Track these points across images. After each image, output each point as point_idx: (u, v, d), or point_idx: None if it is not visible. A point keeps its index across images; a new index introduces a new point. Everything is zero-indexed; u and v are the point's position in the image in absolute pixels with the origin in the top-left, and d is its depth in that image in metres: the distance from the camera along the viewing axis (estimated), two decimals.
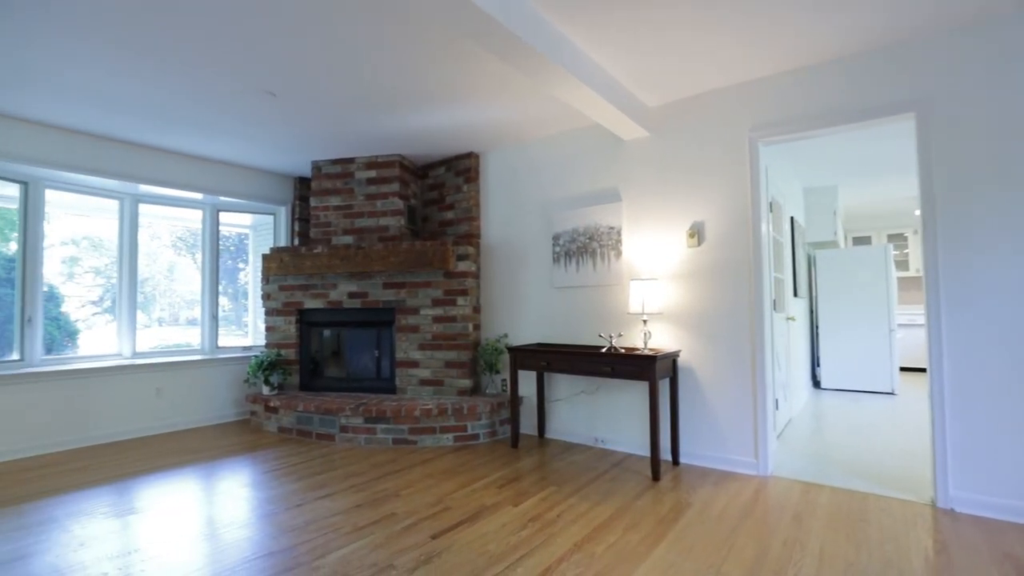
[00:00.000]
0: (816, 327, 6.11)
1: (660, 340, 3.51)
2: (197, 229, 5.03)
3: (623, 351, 3.30)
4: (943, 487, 2.59)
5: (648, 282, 3.31)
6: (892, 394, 5.56)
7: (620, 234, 3.71)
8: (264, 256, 4.74)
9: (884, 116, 2.76)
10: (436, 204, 4.91)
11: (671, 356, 3.28)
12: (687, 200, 3.43)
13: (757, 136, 3.15)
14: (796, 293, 5.17)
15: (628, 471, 3.23)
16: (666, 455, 3.43)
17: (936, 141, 2.64)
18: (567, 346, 3.77)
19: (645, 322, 3.39)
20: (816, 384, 6.16)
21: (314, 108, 3.58)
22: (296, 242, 5.41)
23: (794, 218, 5.16)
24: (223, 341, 5.09)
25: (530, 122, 3.89)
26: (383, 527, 2.46)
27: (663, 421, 3.46)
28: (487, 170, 4.60)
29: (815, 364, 6.21)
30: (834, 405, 5.10)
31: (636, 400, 3.61)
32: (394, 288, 4.44)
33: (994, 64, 2.52)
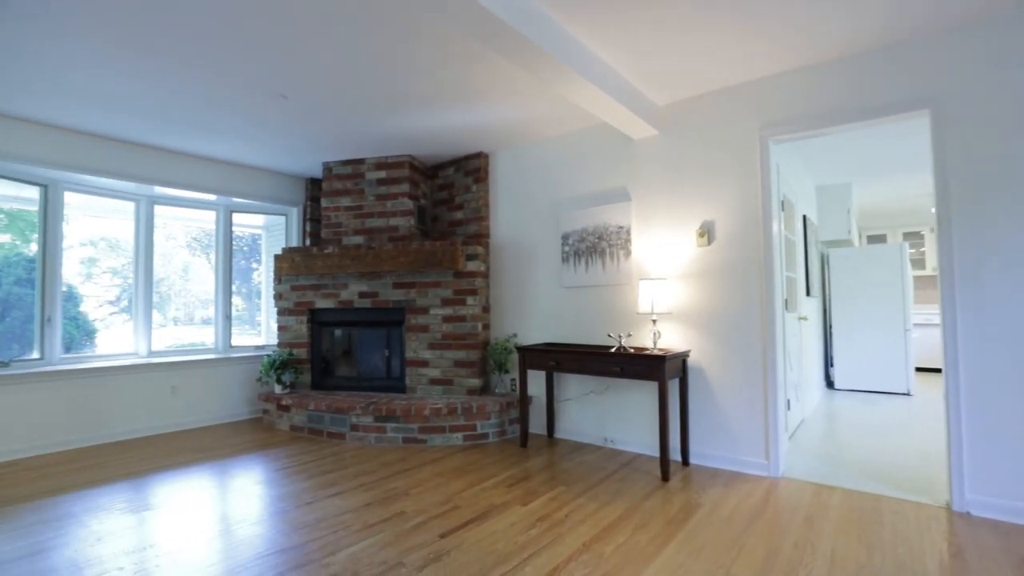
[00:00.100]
0: (829, 327, 6.03)
1: (670, 340, 3.49)
2: (211, 230, 5.10)
3: (632, 351, 3.29)
4: (959, 490, 2.55)
5: (657, 282, 3.30)
6: (907, 395, 5.48)
7: (629, 233, 3.70)
8: (276, 256, 4.80)
9: (898, 113, 2.72)
10: (446, 204, 4.93)
11: (681, 356, 3.26)
12: (697, 199, 3.41)
13: (768, 134, 3.12)
14: (809, 292, 5.11)
15: (637, 471, 3.22)
16: (676, 455, 3.42)
17: (952, 138, 2.60)
18: (576, 346, 3.77)
19: (654, 322, 3.38)
20: (829, 384, 6.09)
21: (325, 110, 3.61)
22: (308, 242, 5.47)
23: (806, 216, 5.10)
24: (236, 340, 5.16)
25: (539, 122, 3.89)
26: (392, 525, 2.48)
27: (673, 421, 3.45)
28: (496, 170, 4.60)
29: (828, 364, 6.13)
30: (848, 406, 5.04)
31: (646, 400, 3.60)
32: (404, 288, 4.46)
33: (1011, 60, 2.47)
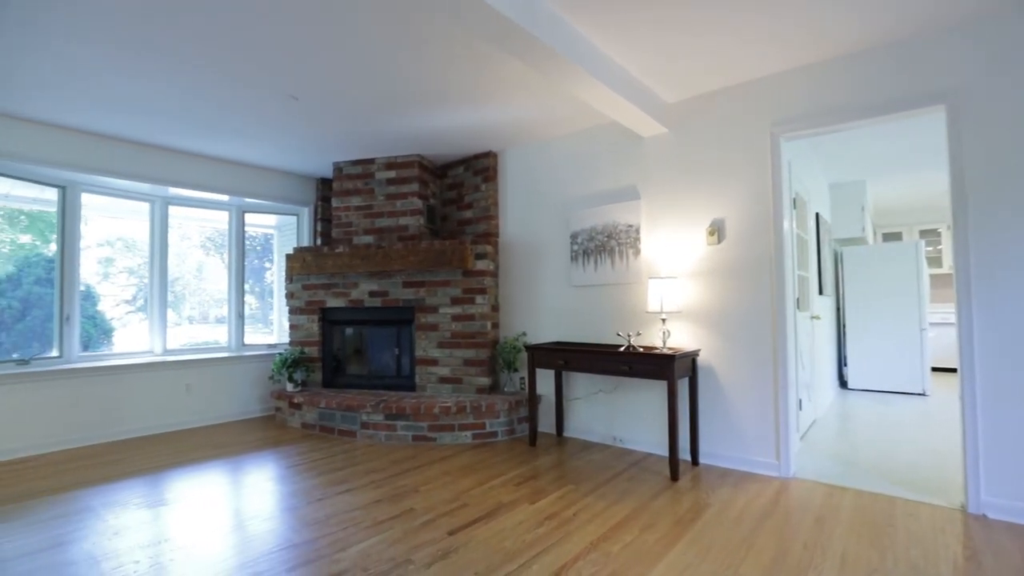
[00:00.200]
0: (843, 326, 5.95)
1: (679, 339, 3.48)
2: (224, 230, 5.17)
3: (641, 350, 3.28)
4: (974, 492, 2.51)
5: (667, 280, 3.28)
6: (923, 395, 5.39)
7: (639, 232, 3.68)
8: (287, 256, 4.85)
9: (912, 109, 2.68)
10: (455, 203, 4.94)
11: (690, 355, 3.25)
12: (707, 197, 3.38)
13: (779, 131, 3.09)
14: (822, 291, 5.04)
15: (646, 471, 3.21)
16: (685, 455, 3.40)
17: (968, 134, 2.55)
18: (585, 345, 3.76)
19: (664, 321, 3.36)
20: (843, 384, 6.01)
21: (335, 111, 3.64)
22: (319, 242, 5.52)
23: (819, 214, 5.03)
24: (249, 339, 5.23)
25: (548, 120, 3.89)
26: (402, 522, 2.50)
27: (682, 421, 3.43)
28: (505, 169, 4.61)
29: (842, 364, 6.05)
30: (861, 406, 4.97)
31: (655, 399, 3.59)
32: (413, 287, 4.49)
33: None
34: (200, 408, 4.64)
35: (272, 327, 5.51)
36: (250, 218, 5.31)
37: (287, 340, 5.20)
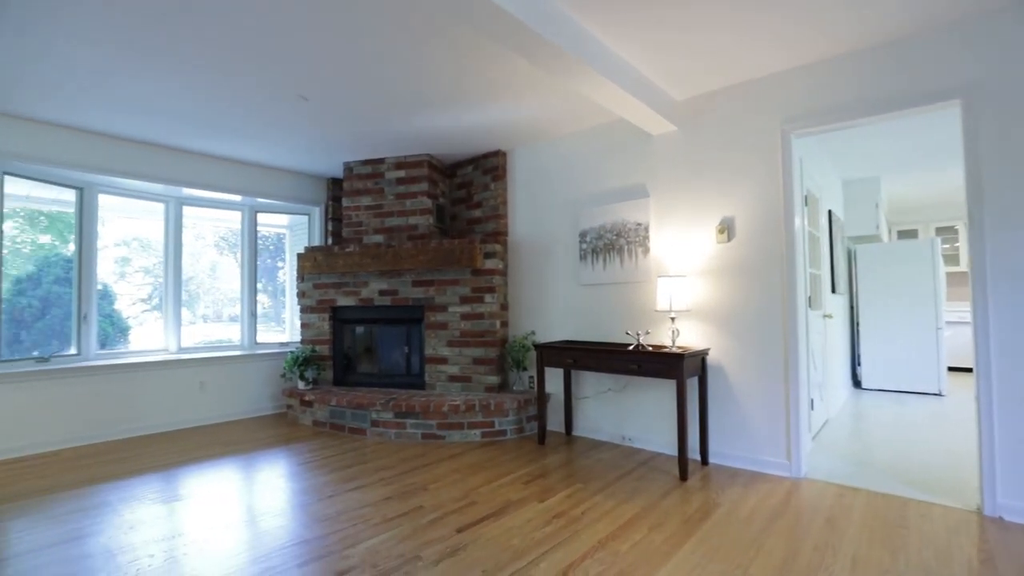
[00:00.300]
0: (857, 324, 5.87)
1: (688, 338, 3.46)
2: (238, 229, 5.24)
3: (650, 349, 3.27)
4: (990, 494, 2.47)
5: (676, 279, 3.26)
6: (939, 395, 5.30)
7: (648, 230, 3.67)
8: (299, 255, 4.90)
9: (926, 104, 2.63)
10: (464, 203, 4.96)
11: (700, 354, 3.23)
12: (717, 195, 3.36)
13: (790, 128, 3.05)
14: (834, 289, 4.98)
15: (655, 470, 3.20)
16: (695, 454, 3.38)
17: (984, 130, 2.50)
18: (594, 343, 3.76)
19: (673, 319, 3.35)
20: (857, 384, 5.93)
21: (345, 111, 3.67)
22: (329, 241, 5.57)
23: (832, 211, 4.97)
24: (262, 337, 5.30)
25: (557, 119, 3.88)
26: (410, 519, 2.52)
27: (692, 420, 3.41)
28: (514, 168, 4.61)
29: (855, 363, 5.97)
30: (875, 406, 4.90)
31: (664, 398, 3.57)
32: (423, 286, 4.51)
33: None
34: (213, 405, 4.71)
35: (284, 325, 5.57)
36: (262, 218, 5.38)
37: (299, 338, 5.26)
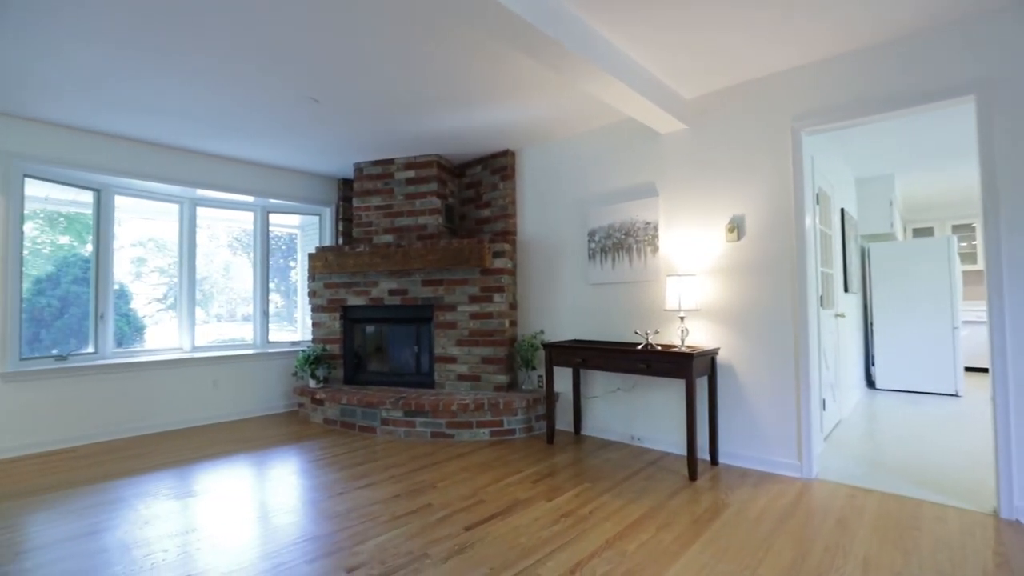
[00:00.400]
0: (870, 324, 5.79)
1: (698, 337, 3.44)
2: (250, 230, 5.31)
3: (659, 348, 3.25)
4: (1007, 496, 2.42)
5: (685, 278, 3.25)
6: (956, 396, 5.21)
7: (656, 229, 3.65)
8: (310, 255, 4.95)
9: (940, 100, 2.59)
10: (473, 202, 4.97)
11: (709, 354, 3.21)
12: (726, 193, 3.33)
13: (800, 125, 3.02)
14: (847, 288, 4.92)
15: (664, 470, 3.19)
16: (704, 454, 3.36)
17: (999, 126, 2.46)
18: (603, 343, 3.75)
19: (682, 319, 3.33)
20: (871, 384, 5.85)
21: (355, 112, 3.70)
22: (340, 241, 5.62)
23: (844, 210, 4.90)
24: (274, 336, 5.36)
25: (565, 119, 3.88)
26: (419, 517, 2.54)
27: (701, 420, 3.39)
28: (523, 167, 4.62)
29: (869, 363, 5.89)
30: (890, 406, 4.83)
31: (673, 398, 3.55)
32: (432, 285, 4.54)
33: None
34: (226, 403, 4.78)
35: (297, 325, 5.63)
36: (274, 218, 5.44)
37: (310, 337, 5.31)
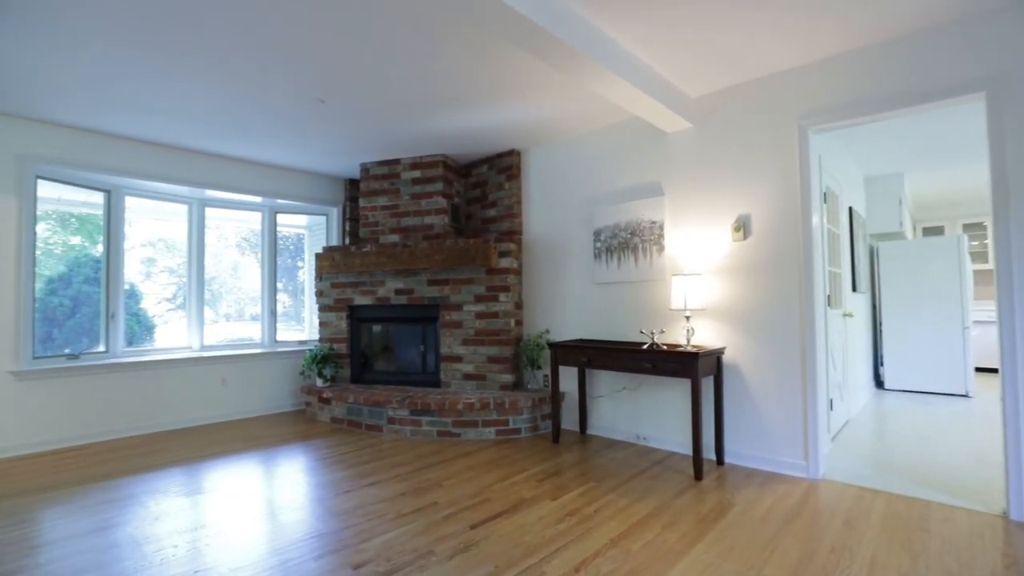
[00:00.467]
0: (879, 324, 5.74)
1: (704, 337, 3.43)
2: (258, 230, 5.35)
3: (665, 348, 3.25)
4: (1017, 498, 2.40)
5: (691, 277, 3.24)
6: (966, 396, 5.16)
7: (662, 229, 3.64)
8: (317, 255, 4.99)
9: (950, 97, 2.57)
10: (479, 202, 4.99)
11: (715, 353, 3.20)
12: (732, 192, 3.32)
13: (807, 124, 3.01)
14: (856, 288, 4.88)
15: (670, 469, 3.18)
16: (710, 454, 3.35)
17: (1010, 123, 2.43)
18: (608, 342, 3.75)
19: (688, 318, 3.32)
20: (879, 384, 5.80)
21: (361, 113, 3.72)
22: (347, 241, 5.65)
23: (853, 208, 4.87)
24: (282, 335, 5.40)
25: (571, 118, 3.88)
26: (425, 515, 2.55)
27: (707, 419, 3.38)
28: (528, 167, 4.62)
29: (878, 363, 5.84)
30: (898, 407, 4.79)
31: (679, 398, 3.55)
32: (438, 285, 4.55)
33: None
34: (234, 402, 4.83)
35: (304, 324, 5.67)
36: (282, 218, 5.48)
37: (318, 337, 5.35)
